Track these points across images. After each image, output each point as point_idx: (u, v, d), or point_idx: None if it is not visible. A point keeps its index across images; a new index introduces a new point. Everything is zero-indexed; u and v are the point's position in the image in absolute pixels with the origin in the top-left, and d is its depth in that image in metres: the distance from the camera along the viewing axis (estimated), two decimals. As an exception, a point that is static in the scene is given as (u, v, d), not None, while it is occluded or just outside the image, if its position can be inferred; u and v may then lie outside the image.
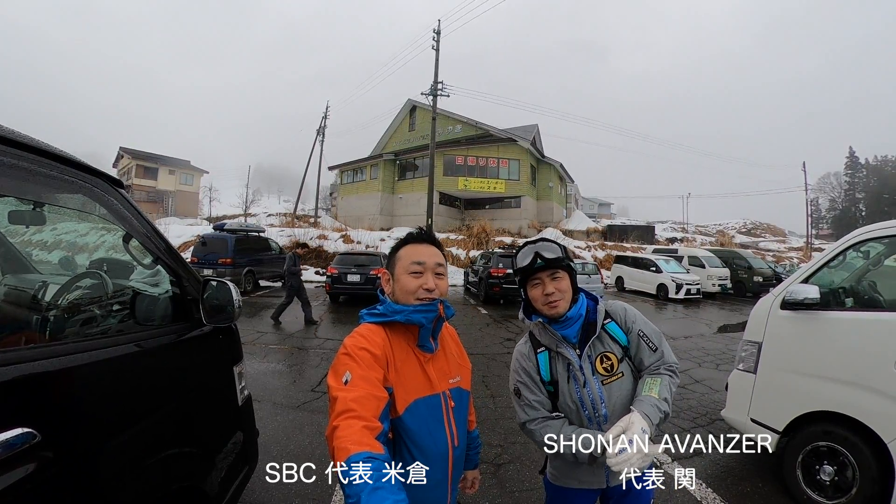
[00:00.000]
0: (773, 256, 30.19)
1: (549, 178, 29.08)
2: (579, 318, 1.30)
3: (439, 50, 19.72)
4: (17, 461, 0.85)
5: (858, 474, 2.22)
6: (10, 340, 1.11)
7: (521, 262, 1.31)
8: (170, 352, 1.46)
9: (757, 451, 2.93)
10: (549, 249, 1.27)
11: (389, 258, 1.17)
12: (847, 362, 2.33)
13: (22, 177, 1.07)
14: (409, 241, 1.14)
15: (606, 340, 1.30)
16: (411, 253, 1.11)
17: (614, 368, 1.28)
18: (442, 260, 1.13)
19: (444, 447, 1.06)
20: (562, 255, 1.28)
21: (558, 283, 1.28)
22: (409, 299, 1.07)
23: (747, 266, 16.42)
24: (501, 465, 2.84)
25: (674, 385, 1.26)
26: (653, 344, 1.30)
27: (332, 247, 19.46)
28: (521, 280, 1.35)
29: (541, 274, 1.29)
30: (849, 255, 2.69)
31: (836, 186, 63.94)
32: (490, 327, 8.03)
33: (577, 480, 1.34)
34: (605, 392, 1.26)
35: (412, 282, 1.07)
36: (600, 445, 1.15)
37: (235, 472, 1.79)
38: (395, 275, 1.11)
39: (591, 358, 1.28)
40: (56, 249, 3.32)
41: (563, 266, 1.29)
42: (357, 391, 0.89)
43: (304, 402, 3.97)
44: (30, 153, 1.07)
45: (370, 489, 0.70)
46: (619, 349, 1.30)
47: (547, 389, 1.32)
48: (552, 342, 1.31)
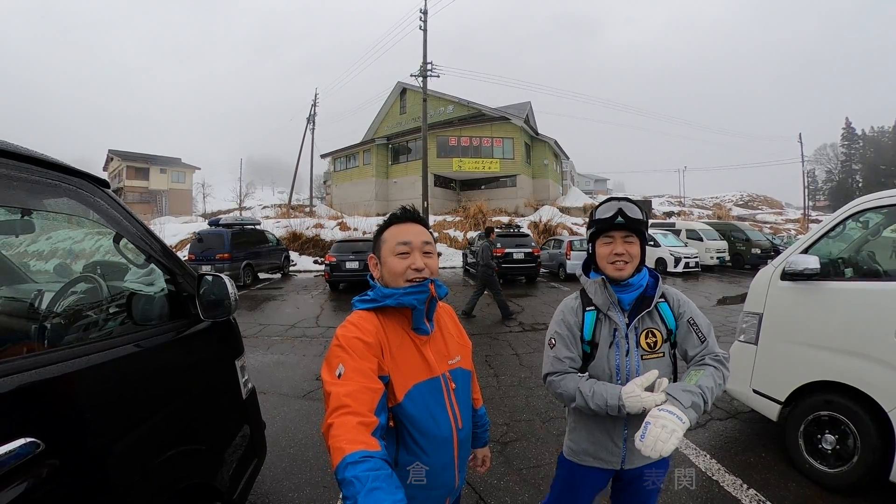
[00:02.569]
0: (771, 228, 30.31)
1: (543, 155, 28.82)
2: (639, 287, 1.28)
3: (427, 30, 19.20)
4: (22, 472, 0.84)
5: (859, 443, 2.25)
6: (9, 351, 1.09)
7: (601, 214, 1.27)
8: (169, 350, 1.45)
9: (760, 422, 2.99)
10: (632, 210, 1.24)
11: (375, 242, 1.13)
12: (847, 332, 2.33)
13: (3, 184, 1.03)
14: (393, 222, 1.10)
15: (656, 318, 1.29)
16: (396, 233, 1.07)
17: (657, 346, 1.28)
18: (429, 238, 1.10)
19: (448, 430, 1.04)
20: (643, 218, 1.25)
21: (630, 246, 1.25)
22: (398, 282, 1.04)
23: (745, 238, 16.48)
24: (508, 444, 2.89)
25: (719, 377, 1.20)
26: (702, 334, 1.28)
27: (329, 235, 19.41)
28: (594, 233, 1.31)
29: (615, 233, 1.26)
30: (848, 226, 2.67)
31: (833, 158, 63.87)
32: (490, 307, 8.07)
33: (594, 458, 1.34)
34: (642, 367, 1.25)
35: (400, 263, 1.04)
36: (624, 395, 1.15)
37: (245, 466, 1.80)
38: (382, 258, 1.08)
39: (637, 330, 1.27)
40: (53, 258, 3.28)
41: (639, 231, 1.26)
42: (350, 385, 0.87)
43: (309, 391, 4.00)
44: (8, 159, 1.03)
45: (367, 490, 0.69)
46: (665, 330, 1.29)
47: (583, 349, 1.31)
48: (605, 303, 1.29)
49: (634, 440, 1.09)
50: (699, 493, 2.34)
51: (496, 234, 11.84)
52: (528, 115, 28.34)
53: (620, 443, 1.29)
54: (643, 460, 1.30)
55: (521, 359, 4.93)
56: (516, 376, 4.32)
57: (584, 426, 1.35)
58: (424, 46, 19.12)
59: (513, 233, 12.17)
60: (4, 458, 0.80)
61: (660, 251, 13.99)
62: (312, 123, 32.51)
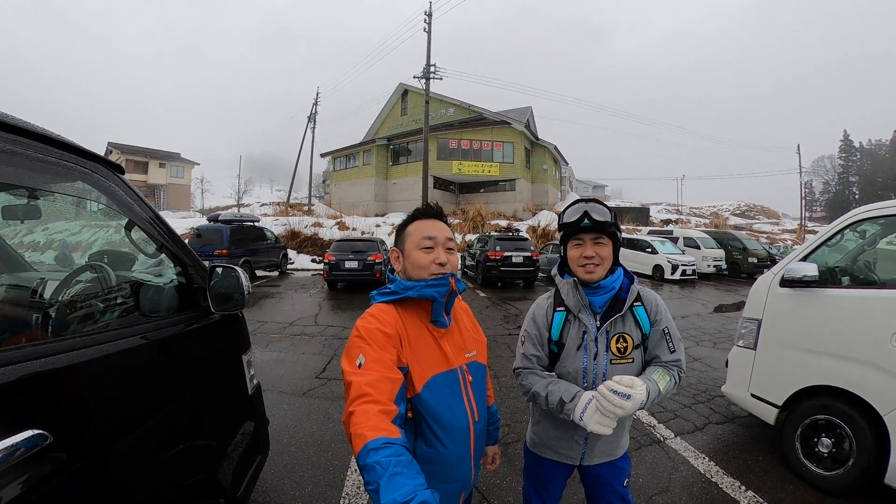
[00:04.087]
0: (767, 238, 30.50)
1: (543, 160, 28.91)
2: (611, 290, 1.27)
3: (431, 32, 19.30)
4: (30, 465, 0.81)
5: (855, 446, 2.28)
6: (14, 339, 1.07)
7: (567, 218, 1.26)
8: (177, 343, 1.42)
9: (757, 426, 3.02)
10: (598, 212, 1.23)
11: (398, 235, 1.15)
12: (844, 338, 2.37)
13: (17, 163, 0.99)
14: (419, 217, 1.12)
15: (629, 323, 1.28)
16: (422, 228, 1.09)
17: (627, 352, 1.27)
18: (451, 235, 1.12)
19: (465, 422, 1.06)
20: (611, 220, 1.24)
21: (600, 248, 1.24)
22: (421, 274, 1.06)
23: (742, 247, 16.56)
24: (509, 444, 2.90)
25: (676, 387, 1.28)
26: (673, 345, 1.29)
27: (328, 234, 19.36)
28: (563, 237, 1.31)
29: (584, 235, 1.25)
30: (845, 235, 2.72)
31: (830, 169, 64.50)
32: (489, 309, 8.08)
33: (554, 451, 1.37)
34: (610, 371, 1.25)
35: (424, 257, 1.06)
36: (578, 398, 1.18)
37: (249, 462, 1.79)
38: (406, 251, 1.10)
39: (608, 334, 1.27)
40: (48, 250, 3.25)
41: (609, 232, 1.24)
42: (371, 374, 0.89)
43: (309, 389, 3.99)
44: (24, 137, 1.00)
45: (389, 475, 0.70)
46: (638, 335, 1.28)
47: (550, 349, 1.32)
48: (576, 305, 1.28)
49: (575, 416, 1.14)
50: (699, 494, 2.35)
51: (495, 238, 11.90)
52: (529, 119, 28.46)
53: (581, 440, 1.32)
54: (602, 457, 1.33)
55: (519, 361, 4.94)
56: (515, 378, 4.33)
57: (548, 420, 1.38)
58: (428, 48, 19.20)
59: (512, 236, 12.21)
60: (11, 450, 0.78)
61: (657, 258, 14.05)
62: (313, 122, 32.50)
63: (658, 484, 2.44)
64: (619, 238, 1.31)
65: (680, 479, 2.51)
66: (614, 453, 1.36)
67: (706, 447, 2.91)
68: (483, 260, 11.63)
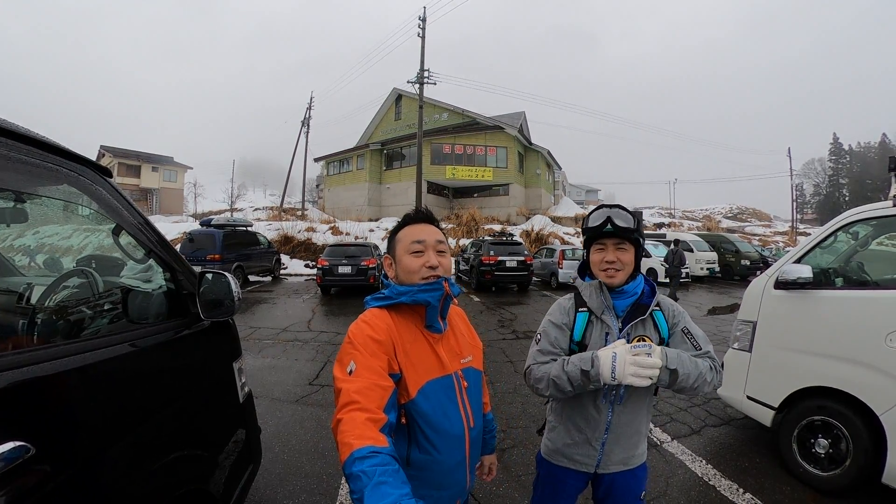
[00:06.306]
0: (759, 240, 30.85)
1: (536, 165, 29.10)
2: (633, 294, 1.28)
3: (425, 37, 19.40)
4: (12, 478, 0.78)
5: (852, 446, 2.28)
6: None
7: (591, 222, 1.28)
8: (166, 350, 1.39)
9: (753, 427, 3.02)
10: (622, 217, 1.24)
11: (389, 242, 1.15)
12: (839, 339, 2.38)
13: (0, 165, 0.96)
14: (408, 223, 1.12)
15: (649, 327, 1.29)
16: (411, 233, 1.09)
17: None
18: (442, 237, 1.11)
19: (460, 428, 1.04)
20: (633, 226, 1.24)
21: (622, 253, 1.25)
22: (412, 279, 1.05)
23: (735, 250, 16.75)
24: (505, 450, 2.87)
25: (715, 374, 1.21)
26: (698, 343, 1.27)
27: (321, 239, 19.29)
28: (587, 241, 1.33)
29: (607, 240, 1.26)
30: (838, 237, 2.74)
31: (821, 172, 65.53)
32: (484, 314, 8.06)
33: (569, 459, 1.34)
34: None
35: (414, 261, 1.05)
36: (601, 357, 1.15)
37: (240, 472, 1.75)
38: (397, 257, 1.09)
39: (629, 336, 1.26)
40: (39, 254, 3.19)
41: (631, 238, 1.26)
42: (361, 381, 0.88)
43: (302, 396, 3.93)
44: (7, 139, 0.97)
45: (373, 484, 0.69)
46: (657, 339, 1.28)
47: (571, 349, 1.30)
48: (599, 307, 1.28)
49: (606, 376, 1.11)
50: (697, 497, 2.34)
51: (488, 242, 11.90)
52: (522, 124, 28.64)
53: (598, 445, 1.29)
54: (619, 465, 1.31)
55: (515, 366, 4.91)
56: (511, 383, 4.30)
57: (564, 426, 1.35)
58: (422, 53, 19.29)
59: (505, 241, 12.22)
60: None
61: (651, 261, 14.14)
62: (307, 127, 32.40)
63: (655, 488, 2.42)
64: (643, 245, 1.31)
65: (678, 482, 2.50)
66: (631, 462, 1.32)
67: (703, 450, 2.91)
68: (477, 265, 11.63)
